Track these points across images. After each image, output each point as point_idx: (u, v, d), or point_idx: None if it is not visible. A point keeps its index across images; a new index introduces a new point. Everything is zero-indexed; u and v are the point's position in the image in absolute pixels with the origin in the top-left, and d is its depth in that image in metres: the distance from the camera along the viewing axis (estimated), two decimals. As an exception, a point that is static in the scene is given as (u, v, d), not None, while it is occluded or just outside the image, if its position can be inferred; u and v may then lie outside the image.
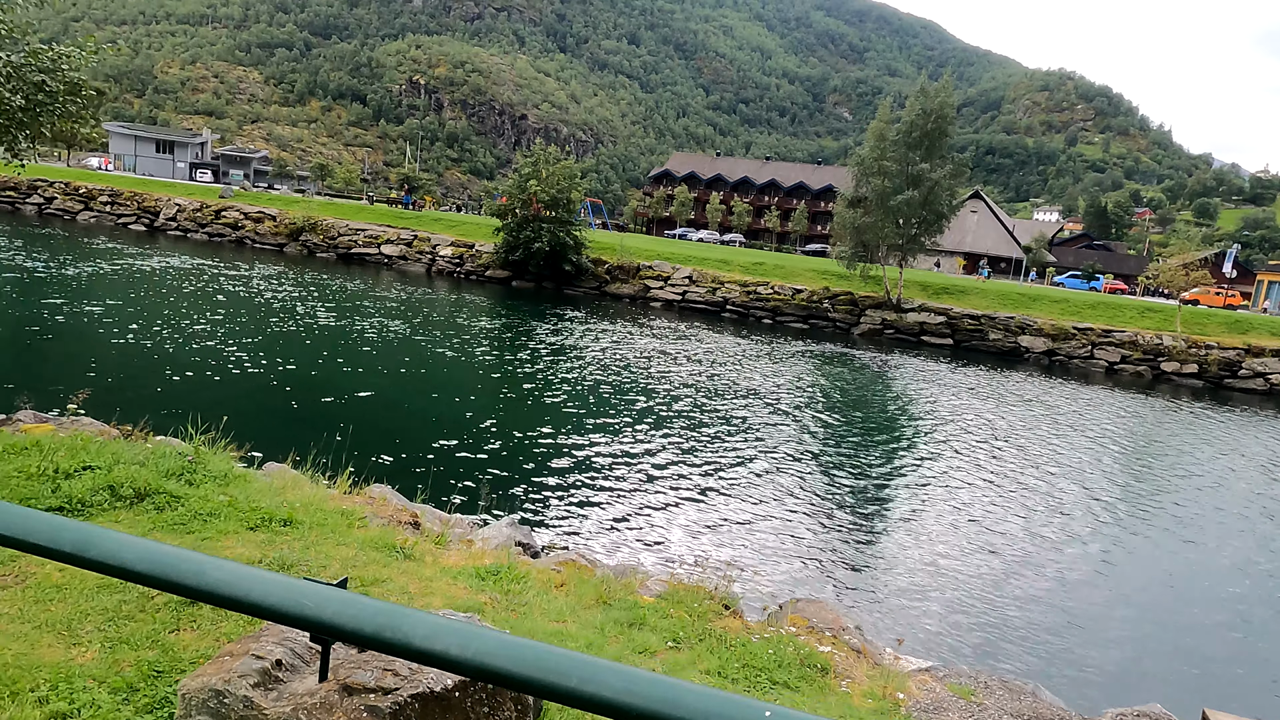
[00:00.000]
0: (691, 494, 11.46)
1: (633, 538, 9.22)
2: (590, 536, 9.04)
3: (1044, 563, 10.69)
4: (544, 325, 27.83)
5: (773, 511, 11.09)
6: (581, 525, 9.39)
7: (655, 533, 9.56)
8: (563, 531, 8.96)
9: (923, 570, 9.84)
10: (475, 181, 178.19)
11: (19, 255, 29.48)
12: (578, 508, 10.15)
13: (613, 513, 10.13)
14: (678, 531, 9.70)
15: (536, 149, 46.03)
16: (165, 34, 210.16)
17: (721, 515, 10.67)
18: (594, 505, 10.34)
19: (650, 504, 10.66)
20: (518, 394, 16.79)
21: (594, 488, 11.06)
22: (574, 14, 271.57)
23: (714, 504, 11.13)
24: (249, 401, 13.48)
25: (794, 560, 9.43)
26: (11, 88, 8.59)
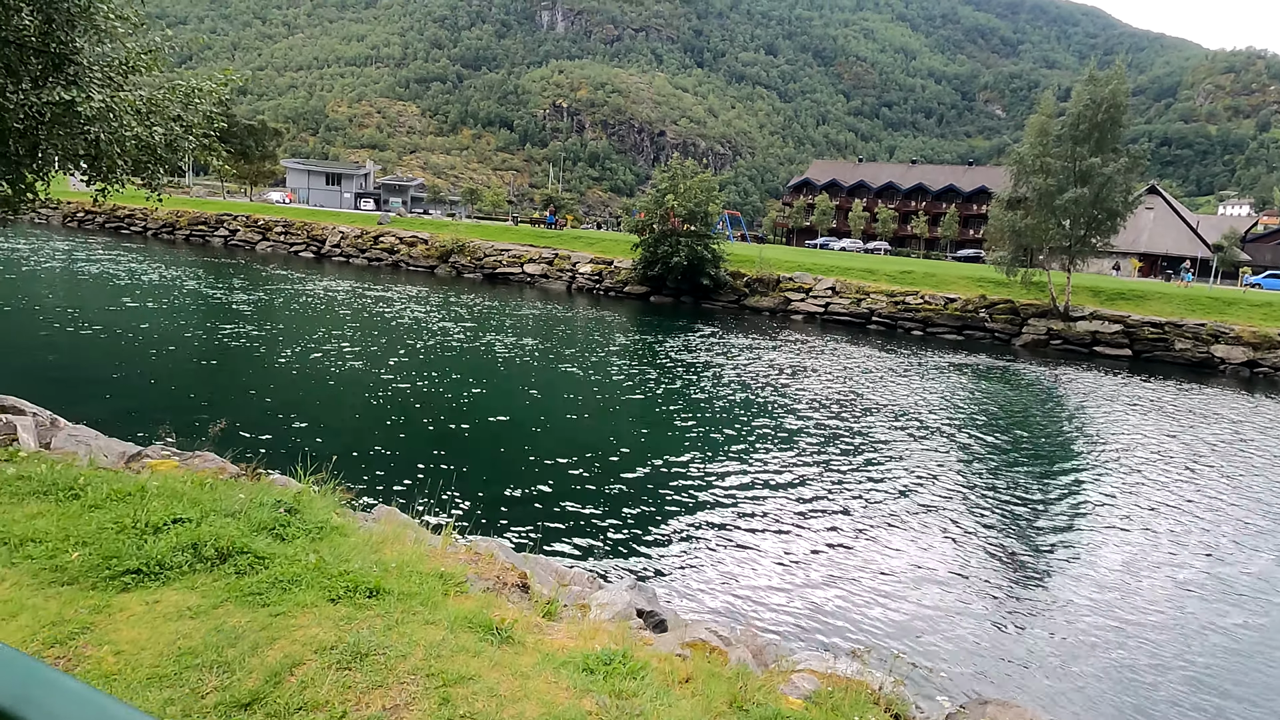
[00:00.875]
0: (840, 539, 10.29)
1: (772, 597, 8.12)
2: (722, 595, 8.03)
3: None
4: (679, 341, 27.14)
5: (937, 565, 9.74)
6: (711, 580, 8.43)
7: (798, 591, 8.45)
8: (690, 588, 7.99)
9: (1133, 646, 8.24)
10: (615, 199, 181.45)
11: (202, 283, 31.95)
12: (709, 555, 9.24)
13: (749, 564, 9.13)
14: (825, 589, 8.54)
15: (674, 163, 45.67)
16: (335, 76, 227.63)
17: (876, 568, 9.44)
18: (726, 553, 9.40)
19: (791, 552, 9.59)
20: (647, 417, 16.10)
21: (726, 531, 10.12)
22: (711, 29, 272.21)
23: (867, 554, 9.91)
24: (374, 425, 13.48)
25: (970, 635, 8.10)
26: (151, 123, 8.79)
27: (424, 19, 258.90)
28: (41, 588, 4.19)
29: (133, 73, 9.18)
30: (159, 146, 8.98)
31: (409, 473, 10.93)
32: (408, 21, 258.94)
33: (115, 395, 14.03)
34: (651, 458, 12.93)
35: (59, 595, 4.10)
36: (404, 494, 9.98)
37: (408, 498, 9.73)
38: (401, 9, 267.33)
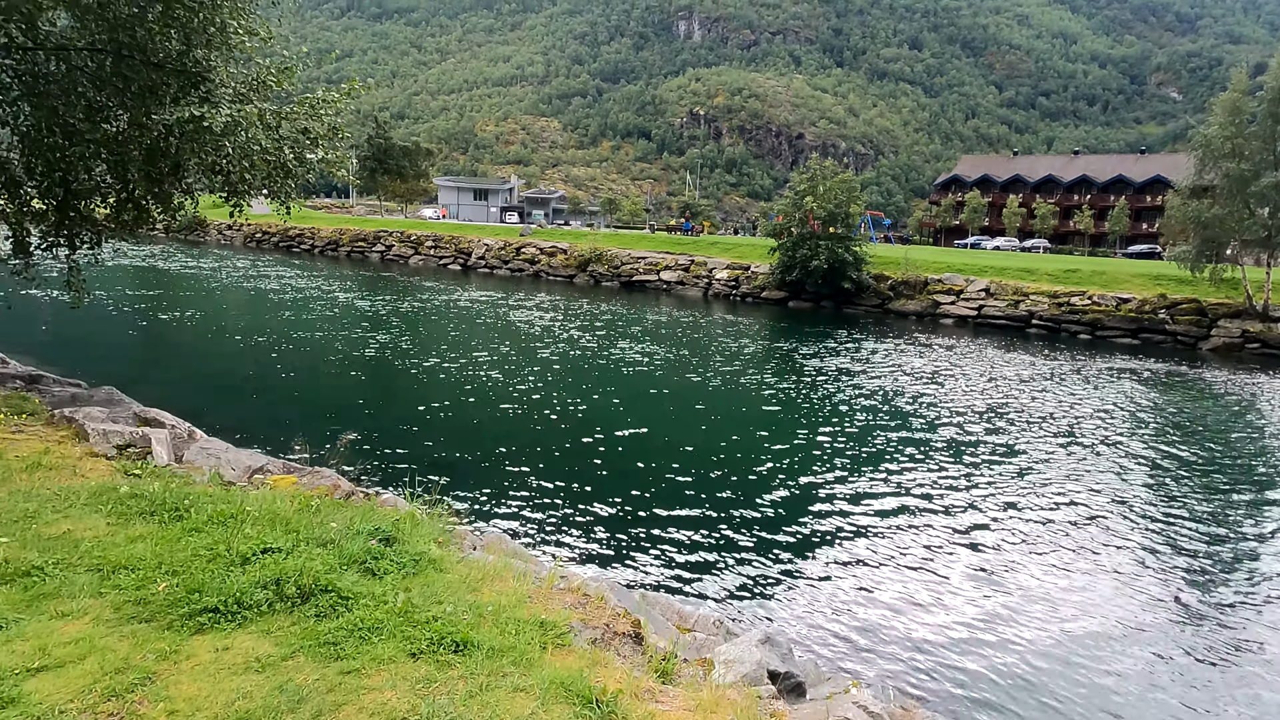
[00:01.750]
0: (1007, 583, 9.00)
1: (929, 655, 6.89)
2: (867, 647, 6.93)
3: None
4: (817, 347, 25.83)
5: (1126, 615, 8.32)
6: (853, 628, 7.39)
7: (964, 648, 7.27)
8: (829, 637, 6.93)
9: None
10: (753, 204, 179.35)
11: (355, 296, 33.60)
12: (849, 596, 8.22)
13: (898, 610, 8.04)
14: (996, 649, 7.30)
15: (813, 164, 44.16)
16: (484, 96, 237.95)
17: (1057, 621, 8.13)
18: (870, 594, 8.35)
19: (949, 596, 8.40)
20: (781, 431, 15.11)
21: (869, 567, 9.05)
22: (851, 27, 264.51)
23: (1039, 600, 8.60)
24: (496, 436, 13.24)
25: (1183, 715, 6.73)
26: (279, 138, 8.86)
27: (565, 37, 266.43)
28: (119, 624, 3.93)
29: (263, 88, 9.30)
30: (288, 160, 9.04)
31: (524, 490, 10.56)
32: (550, 40, 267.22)
33: (258, 405, 14.56)
34: (785, 477, 12.00)
35: (133, 635, 3.81)
36: (516, 513, 9.59)
37: (519, 518, 9.33)
38: (544, 29, 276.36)
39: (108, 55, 9.63)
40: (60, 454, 7.02)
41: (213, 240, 68.27)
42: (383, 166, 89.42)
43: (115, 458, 7.31)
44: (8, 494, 5.79)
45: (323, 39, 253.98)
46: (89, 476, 6.43)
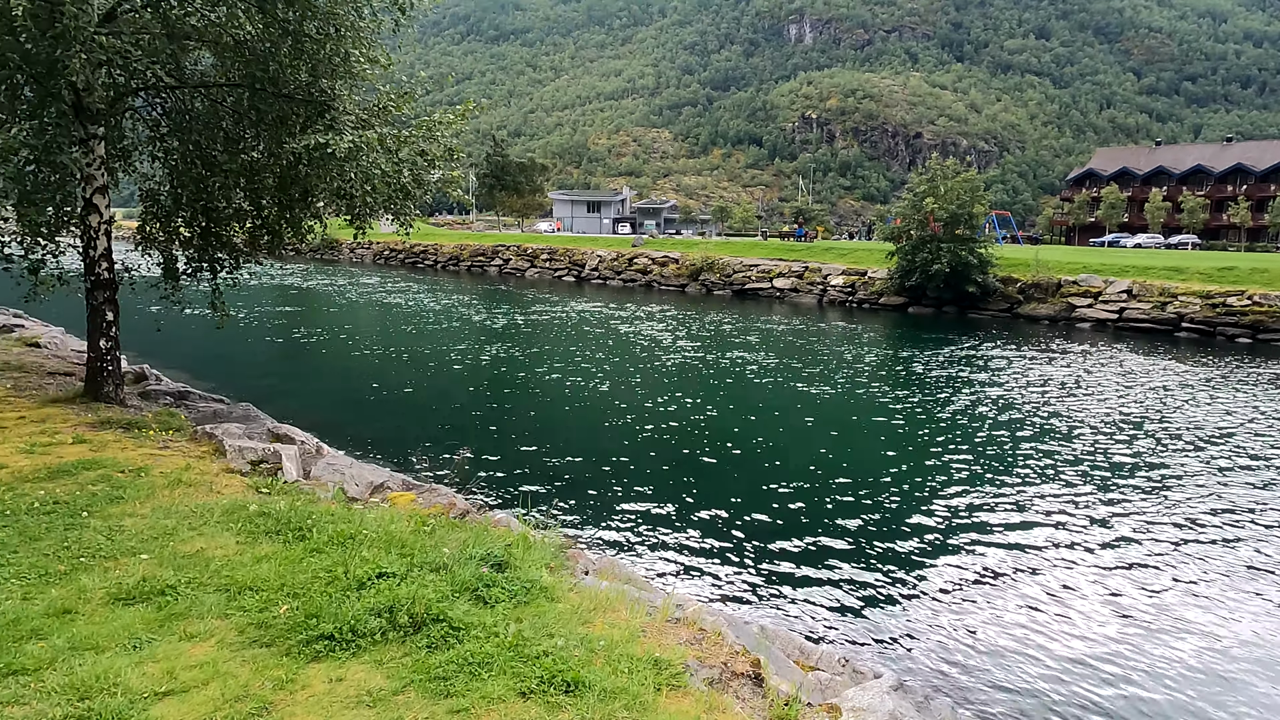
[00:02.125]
0: (1161, 618, 8.17)
1: (1080, 708, 6.32)
2: (1008, 689, 6.39)
3: None
4: (940, 355, 24.62)
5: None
6: (994, 667, 6.81)
7: (1112, 698, 6.65)
8: (971, 681, 6.29)
9: None
10: (869, 207, 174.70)
11: (473, 309, 34.66)
12: (987, 631, 7.63)
13: (1041, 646, 7.39)
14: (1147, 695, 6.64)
15: (932, 164, 42.43)
16: (596, 111, 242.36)
17: (1208, 665, 7.31)
18: (1007, 627, 7.73)
19: (1099, 633, 7.70)
20: (901, 445, 14.38)
21: (1004, 598, 8.39)
22: (971, 20, 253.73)
23: (1191, 631, 7.75)
24: (608, 451, 13.16)
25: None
26: (398, 160, 9.13)
27: (675, 48, 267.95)
28: (242, 648, 4.00)
29: (383, 113, 9.60)
30: (407, 182, 9.30)
31: (636, 507, 10.41)
32: (660, 52, 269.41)
33: (381, 418, 15.07)
34: (908, 496, 11.37)
35: (254, 660, 3.87)
36: (628, 532, 9.44)
37: (632, 537, 9.16)
38: (655, 41, 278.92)
39: (244, 90, 10.21)
40: (200, 470, 7.39)
41: (345, 258, 72.19)
42: (500, 183, 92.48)
43: (249, 474, 7.63)
44: (151, 510, 6.10)
45: (444, 63, 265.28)
46: (224, 493, 6.71)
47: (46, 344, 15.84)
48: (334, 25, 9.57)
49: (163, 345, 18.84)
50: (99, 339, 10.02)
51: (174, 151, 10.88)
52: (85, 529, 5.66)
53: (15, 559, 5.14)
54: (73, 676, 3.65)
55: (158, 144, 10.99)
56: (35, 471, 7.02)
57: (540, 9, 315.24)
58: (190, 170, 10.61)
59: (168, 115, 10.78)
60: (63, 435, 8.25)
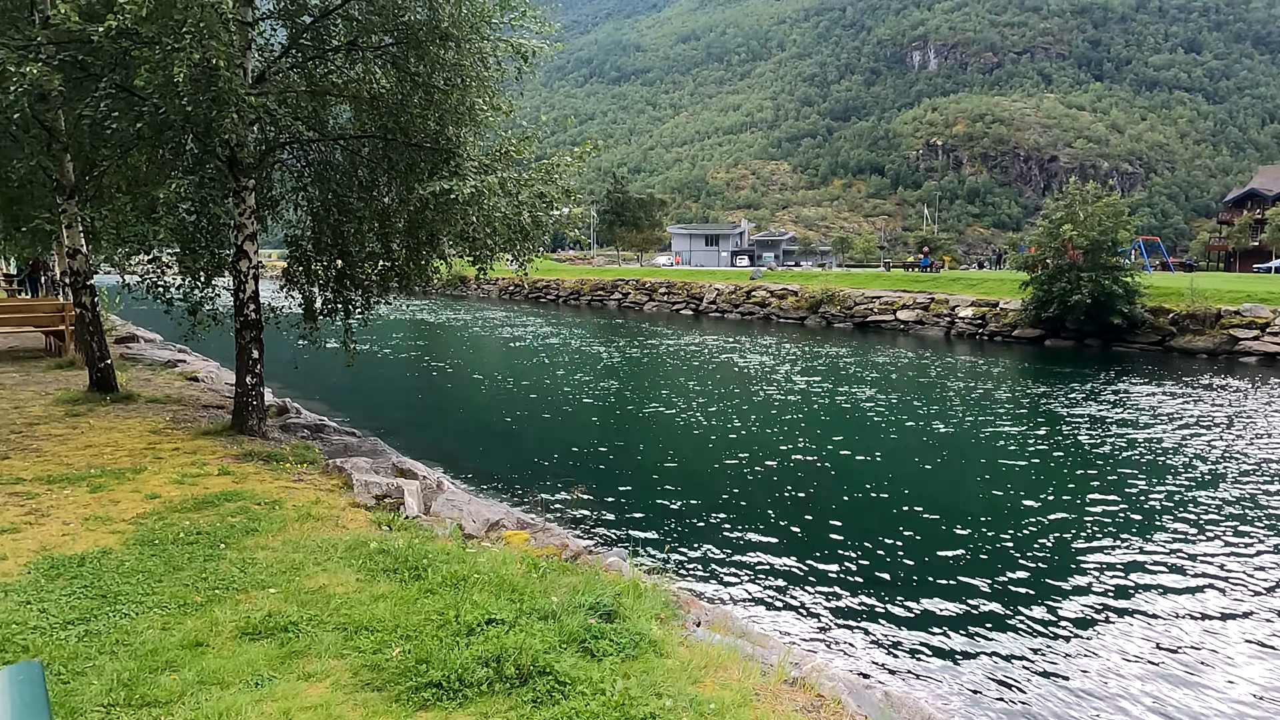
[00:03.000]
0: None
1: None
2: None
3: None
4: (1082, 392, 22.96)
5: None
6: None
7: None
8: None
9: None
10: (999, 235, 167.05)
11: (594, 343, 35.24)
12: (1140, 706, 6.91)
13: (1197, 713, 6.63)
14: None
15: (1070, 189, 40.14)
16: (714, 145, 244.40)
17: None
18: (1162, 699, 6.97)
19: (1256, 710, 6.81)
20: (1037, 489, 13.38)
21: (1155, 666, 7.57)
22: (1111, 36, 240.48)
23: None
24: (720, 490, 12.87)
25: None
26: (518, 203, 9.40)
27: (794, 80, 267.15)
28: (355, 690, 4.06)
29: (505, 157, 9.92)
30: (526, 223, 9.54)
31: (751, 551, 10.10)
32: (779, 85, 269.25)
33: (500, 452, 15.39)
34: (1043, 546, 10.53)
35: (364, 704, 3.91)
36: (742, 577, 9.14)
37: (746, 583, 8.86)
38: (773, 74, 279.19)
39: (378, 140, 10.81)
40: (328, 504, 7.70)
41: (472, 294, 75.24)
42: (620, 219, 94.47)
43: (373, 508, 7.89)
44: (281, 543, 6.38)
45: (568, 105, 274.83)
46: (349, 528, 6.95)
47: (204, 378, 17.15)
48: (460, 77, 10.02)
49: (304, 377, 20.05)
50: (245, 375, 10.71)
51: (315, 199, 11.63)
52: (222, 560, 5.97)
53: (159, 588, 5.46)
54: (199, 711, 3.79)
55: (300, 193, 11.77)
56: (184, 502, 7.50)
57: (660, 49, 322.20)
58: (328, 216, 11.30)
59: (310, 166, 11.54)
60: (210, 467, 8.82)
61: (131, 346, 21.57)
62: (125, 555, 6.05)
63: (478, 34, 9.99)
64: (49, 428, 10.71)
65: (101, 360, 13.17)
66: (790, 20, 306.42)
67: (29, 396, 13.03)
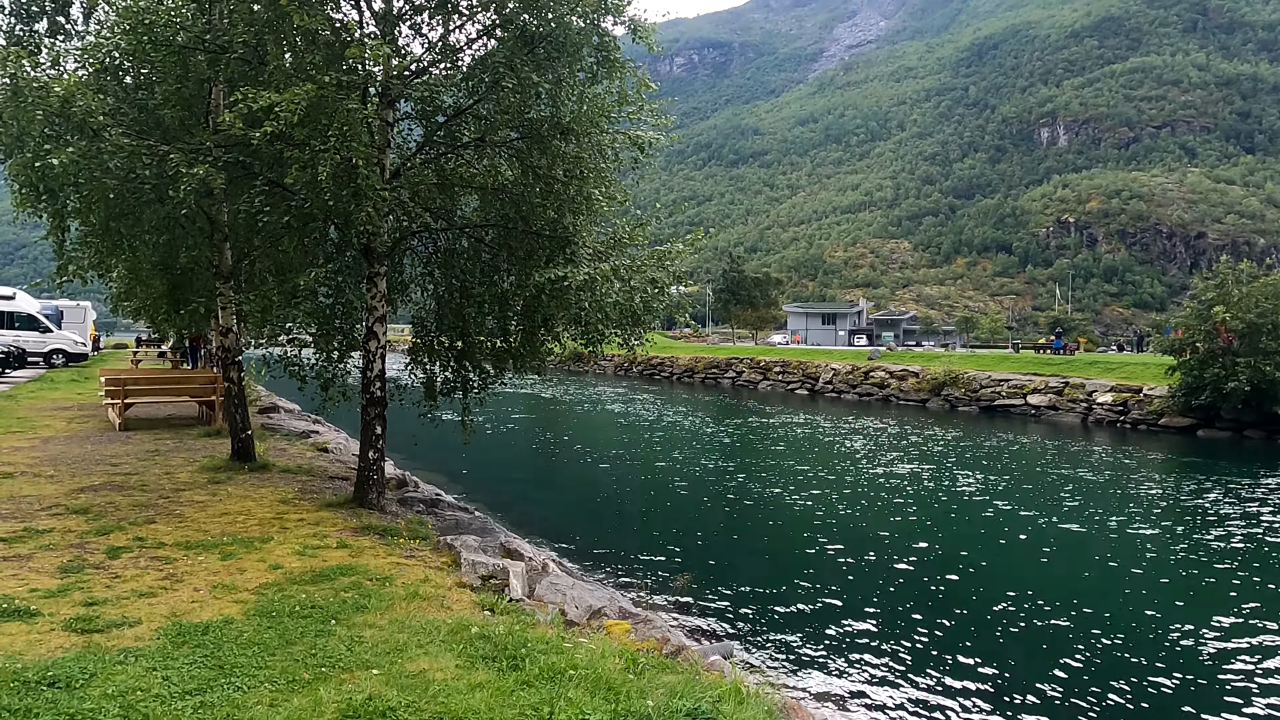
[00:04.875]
0: None
1: None
2: None
3: None
4: (1240, 489, 20.84)
5: None
6: None
7: None
8: None
9: None
10: (1140, 315, 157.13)
11: (706, 422, 35.04)
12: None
13: None
14: None
15: (1221, 267, 37.48)
16: (832, 225, 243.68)
17: None
18: None
19: None
20: (1186, 597, 12.07)
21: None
22: (1262, 108, 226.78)
23: None
24: (840, 582, 12.26)
25: None
26: (632, 287, 9.60)
27: (915, 159, 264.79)
28: (445, 786, 4.00)
29: (619, 244, 10.19)
30: (637, 308, 9.71)
31: (864, 651, 9.51)
32: (900, 165, 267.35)
33: (607, 534, 15.30)
34: (1193, 657, 9.43)
35: (452, 803, 3.83)
36: (856, 681, 8.58)
37: (861, 687, 8.31)
38: (894, 154, 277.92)
39: (501, 228, 11.36)
40: (436, 583, 7.82)
41: (588, 370, 76.80)
42: (735, 297, 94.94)
43: (479, 589, 7.96)
44: (388, 623, 6.50)
45: (686, 187, 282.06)
46: (454, 609, 7.02)
47: (334, 448, 18.07)
48: (579, 168, 10.46)
49: (423, 448, 20.78)
50: (369, 450, 11.20)
51: (440, 283, 12.26)
52: (331, 636, 6.12)
53: (272, 662, 5.64)
54: (294, 796, 3.82)
55: (428, 277, 12.46)
56: (303, 574, 7.80)
57: (778, 132, 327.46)
58: (452, 299, 11.87)
59: (437, 252, 12.22)
60: (330, 539, 9.18)
61: (273, 416, 23.06)
62: (245, 626, 6.30)
63: (597, 128, 10.44)
64: (192, 494, 11.49)
65: (244, 431, 14.11)
66: (910, 101, 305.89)
67: (179, 463, 14.07)
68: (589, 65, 10.26)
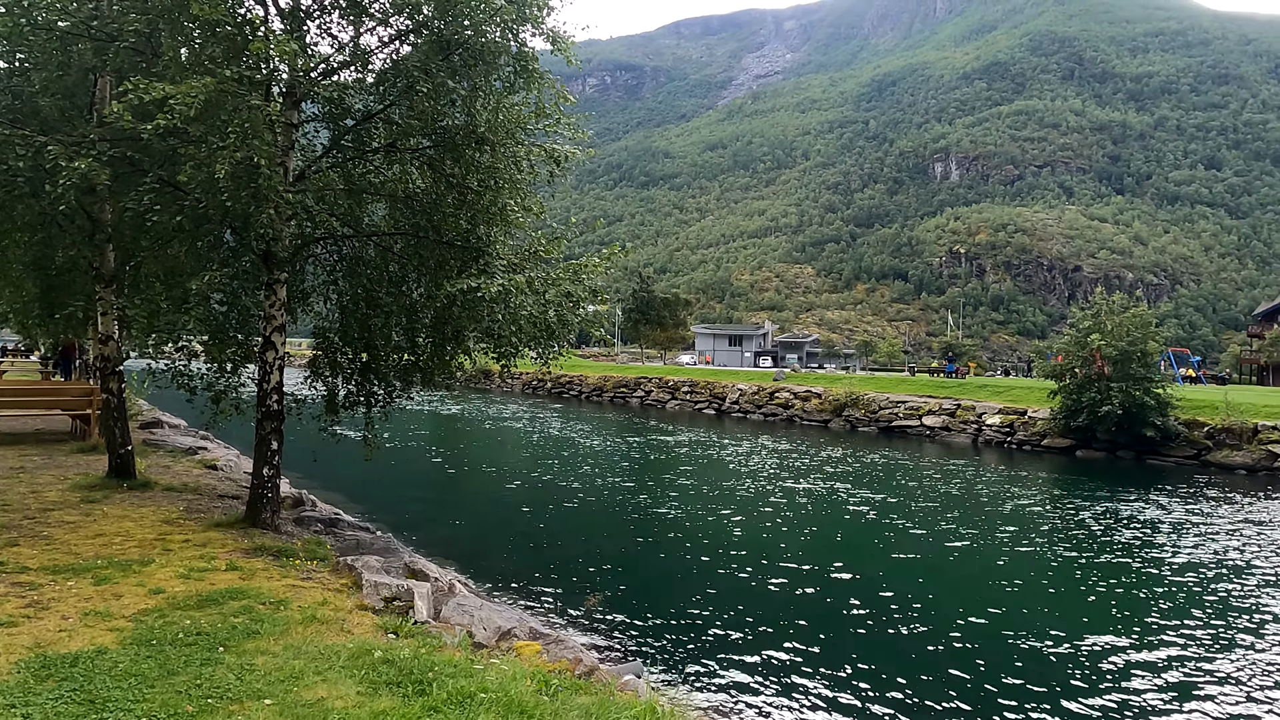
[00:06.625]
0: None
1: None
2: None
3: None
4: (1114, 506, 22.19)
5: None
6: None
7: None
8: None
9: None
10: (1024, 342, 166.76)
11: (615, 442, 34.94)
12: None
13: None
14: None
15: (1097, 299, 40.10)
16: (739, 249, 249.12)
17: None
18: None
19: None
20: (1067, 609, 12.72)
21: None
22: (1130, 153, 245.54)
23: None
24: (743, 597, 12.36)
25: None
26: (545, 302, 9.44)
27: (819, 188, 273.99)
28: (344, 823, 3.72)
29: (534, 257, 10.03)
30: (551, 322, 9.55)
31: (768, 668, 9.57)
32: (804, 192, 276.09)
33: (514, 553, 14.97)
34: (1074, 671, 9.90)
35: (353, 841, 3.57)
36: (768, 698, 8.62)
37: (771, 705, 8.34)
38: (798, 181, 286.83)
39: (411, 237, 11.01)
40: (335, 605, 7.42)
41: (496, 387, 75.62)
42: (645, 317, 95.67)
43: (382, 611, 7.59)
44: (283, 648, 6.10)
45: (598, 207, 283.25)
46: (354, 633, 6.66)
47: (223, 466, 17.07)
48: (494, 179, 10.25)
49: (323, 468, 19.89)
50: (263, 466, 10.60)
51: (345, 293, 11.78)
52: (219, 665, 5.69)
53: (151, 694, 5.19)
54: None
55: (331, 286, 11.96)
56: (187, 598, 7.26)
57: (688, 156, 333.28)
58: (357, 310, 11.42)
59: (342, 260, 11.75)
60: (218, 561, 8.60)
61: (155, 432, 21.66)
62: (120, 656, 5.79)
63: (513, 139, 10.27)
64: (62, 514, 10.59)
65: (123, 446, 13.15)
66: (815, 131, 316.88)
67: (48, 481, 12.98)
68: (507, 75, 10.11)
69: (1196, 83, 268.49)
